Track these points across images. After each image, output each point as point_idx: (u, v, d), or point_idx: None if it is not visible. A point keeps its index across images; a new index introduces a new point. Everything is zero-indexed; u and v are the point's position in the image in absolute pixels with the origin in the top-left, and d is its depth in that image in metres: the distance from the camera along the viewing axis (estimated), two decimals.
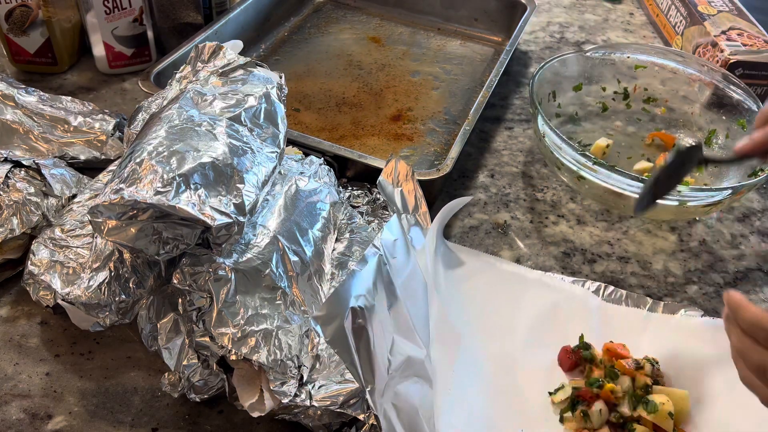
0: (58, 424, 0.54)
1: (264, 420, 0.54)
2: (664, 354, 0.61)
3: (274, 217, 0.59)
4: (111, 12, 0.86)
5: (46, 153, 0.71)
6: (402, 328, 0.53)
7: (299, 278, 0.57)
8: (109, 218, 0.50)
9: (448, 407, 0.54)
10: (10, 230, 0.60)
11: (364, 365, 0.47)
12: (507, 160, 0.85)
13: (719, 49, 0.93)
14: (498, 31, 1.09)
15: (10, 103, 0.73)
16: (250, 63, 0.66)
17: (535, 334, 0.63)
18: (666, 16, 1.10)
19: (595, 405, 0.55)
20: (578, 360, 0.60)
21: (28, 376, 0.57)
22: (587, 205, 0.79)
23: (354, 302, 0.48)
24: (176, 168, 0.52)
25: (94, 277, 0.55)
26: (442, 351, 0.57)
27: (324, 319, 0.45)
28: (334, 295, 0.47)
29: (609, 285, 0.68)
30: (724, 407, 0.57)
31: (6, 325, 0.60)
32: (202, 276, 0.52)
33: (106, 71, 0.92)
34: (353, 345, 0.46)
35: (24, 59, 0.89)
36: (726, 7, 1.02)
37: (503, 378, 0.59)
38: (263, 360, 0.50)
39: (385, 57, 1.02)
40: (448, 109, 0.92)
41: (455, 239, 0.73)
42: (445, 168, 0.71)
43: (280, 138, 0.62)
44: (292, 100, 0.90)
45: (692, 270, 0.72)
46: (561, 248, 0.73)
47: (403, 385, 0.50)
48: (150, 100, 0.68)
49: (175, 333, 0.54)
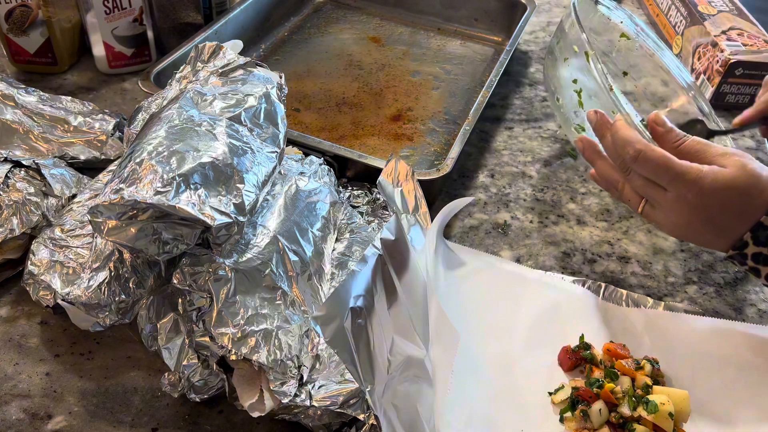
0: (58, 424, 0.54)
1: (264, 420, 0.54)
2: (664, 354, 0.61)
3: (274, 217, 0.59)
4: (111, 12, 0.86)
5: (46, 153, 0.71)
6: (402, 328, 0.53)
7: (299, 278, 0.57)
8: (109, 218, 0.50)
9: (448, 407, 0.54)
10: (10, 230, 0.60)
11: (364, 365, 0.47)
12: (507, 160, 0.85)
13: (719, 49, 0.93)
14: (498, 31, 1.09)
15: (10, 103, 0.73)
16: (250, 63, 0.66)
17: (535, 334, 0.63)
18: (666, 16, 1.10)
19: (595, 405, 0.55)
20: (578, 360, 0.60)
21: (28, 376, 0.57)
22: (587, 205, 0.79)
23: (354, 302, 0.48)
24: (176, 168, 0.52)
25: (94, 277, 0.55)
26: (441, 351, 0.57)
27: (323, 319, 0.45)
28: (334, 295, 0.46)
29: (609, 285, 0.68)
30: (723, 407, 0.58)
31: (6, 325, 0.60)
32: (202, 276, 0.52)
33: (106, 71, 0.92)
34: (353, 345, 0.46)
35: (24, 59, 0.89)
36: (726, 7, 1.02)
37: (503, 378, 0.59)
38: (263, 360, 0.50)
39: (385, 57, 1.02)
40: (448, 109, 0.92)
41: (455, 239, 0.73)
42: (445, 168, 0.71)
43: (280, 138, 0.62)
44: (292, 100, 0.90)
45: (692, 270, 0.72)
46: (561, 248, 0.73)
47: (403, 385, 0.50)
48: (150, 100, 0.68)
49: (175, 333, 0.54)
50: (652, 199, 0.59)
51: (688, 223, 0.58)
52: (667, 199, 0.57)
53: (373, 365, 0.47)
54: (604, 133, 0.61)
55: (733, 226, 0.57)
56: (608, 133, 0.60)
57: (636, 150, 0.57)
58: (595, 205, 0.79)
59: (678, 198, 0.56)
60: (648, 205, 0.60)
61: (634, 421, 0.55)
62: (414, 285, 0.58)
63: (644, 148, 0.57)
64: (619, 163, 0.60)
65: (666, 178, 0.56)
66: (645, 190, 0.59)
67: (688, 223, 0.58)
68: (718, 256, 0.74)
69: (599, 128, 0.62)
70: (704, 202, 0.56)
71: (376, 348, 0.48)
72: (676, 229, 0.59)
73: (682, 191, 0.56)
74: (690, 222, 0.57)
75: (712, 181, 0.55)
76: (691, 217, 0.57)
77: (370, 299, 0.50)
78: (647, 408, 0.54)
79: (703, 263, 0.73)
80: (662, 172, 0.56)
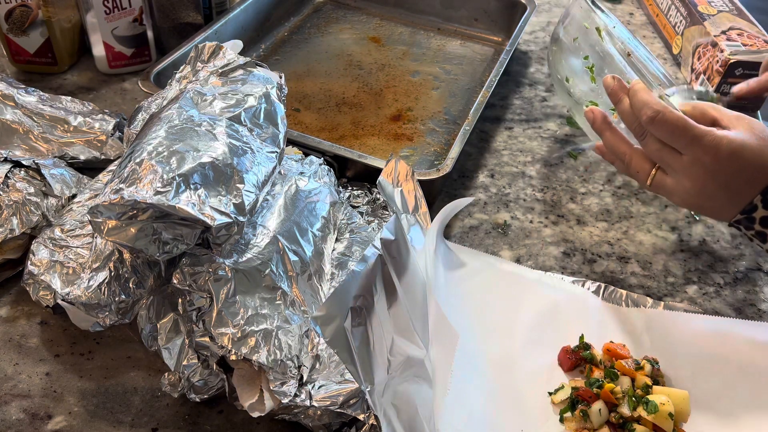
0: (58, 424, 0.54)
1: (264, 420, 0.54)
2: (664, 354, 0.61)
3: (274, 217, 0.59)
4: (111, 12, 0.86)
5: (46, 153, 0.71)
6: (402, 328, 0.53)
7: (299, 278, 0.57)
8: (109, 218, 0.50)
9: (448, 407, 0.54)
10: (10, 230, 0.60)
11: (364, 365, 0.47)
12: (507, 160, 0.85)
13: (719, 49, 0.93)
14: (498, 31, 1.09)
15: (10, 103, 0.73)
16: (250, 63, 0.66)
17: (535, 334, 0.63)
18: (666, 16, 1.10)
19: (594, 405, 0.55)
20: (578, 360, 0.60)
21: (28, 376, 0.57)
22: (587, 205, 0.79)
23: (353, 302, 0.48)
24: (176, 168, 0.52)
25: (94, 277, 0.55)
26: (441, 351, 0.57)
27: (323, 320, 0.45)
28: (334, 295, 0.46)
29: (609, 285, 0.68)
30: (723, 407, 0.58)
31: (6, 325, 0.60)
32: (202, 276, 0.52)
33: (106, 71, 0.92)
34: (353, 345, 0.46)
35: (24, 59, 0.89)
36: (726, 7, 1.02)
37: (503, 378, 0.59)
38: (263, 360, 0.50)
39: (385, 57, 1.02)
40: (448, 109, 0.92)
41: (455, 239, 0.73)
42: (445, 168, 0.71)
43: (280, 138, 0.62)
44: (292, 100, 0.90)
45: (692, 270, 0.72)
46: (561, 248, 0.73)
47: (403, 385, 0.50)
48: (150, 100, 0.68)
49: (175, 333, 0.54)
50: (665, 164, 0.59)
51: (701, 189, 0.57)
52: (683, 163, 0.57)
53: (373, 365, 0.47)
54: (621, 98, 0.61)
55: (745, 190, 0.57)
56: (625, 97, 0.60)
57: (654, 111, 0.57)
58: (595, 205, 0.79)
59: (694, 162, 0.56)
60: (660, 171, 0.60)
61: (634, 421, 0.55)
62: (414, 285, 0.58)
63: (662, 110, 0.56)
64: (635, 126, 0.59)
65: (683, 141, 0.56)
66: (660, 154, 0.58)
67: (702, 188, 0.57)
68: (718, 256, 0.74)
69: (616, 93, 0.62)
70: (721, 166, 0.56)
71: (376, 348, 0.48)
72: (687, 196, 0.59)
73: (698, 154, 0.56)
74: (704, 187, 0.57)
75: (728, 144, 0.55)
76: (706, 182, 0.57)
77: (370, 299, 0.50)
78: (647, 408, 0.54)
79: (703, 263, 0.73)
80: (680, 134, 0.56)
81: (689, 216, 0.79)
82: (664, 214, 0.79)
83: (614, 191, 0.82)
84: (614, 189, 0.82)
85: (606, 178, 0.83)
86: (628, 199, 0.80)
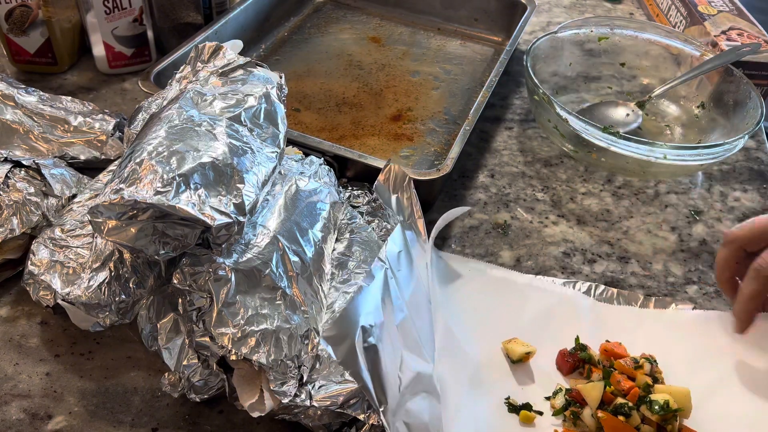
0: (58, 424, 0.54)
1: (264, 420, 0.54)
2: (659, 349, 0.61)
3: (274, 217, 0.59)
4: (111, 12, 0.86)
5: (46, 153, 0.71)
6: (409, 343, 0.53)
7: (299, 278, 0.57)
8: (109, 218, 0.50)
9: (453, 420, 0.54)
10: (10, 230, 0.60)
11: (377, 385, 0.46)
12: (507, 160, 0.85)
13: (719, 49, 0.93)
14: (498, 31, 1.09)
15: (10, 103, 0.73)
16: (250, 63, 0.66)
17: (531, 340, 0.62)
18: (666, 16, 1.10)
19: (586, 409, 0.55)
20: (576, 362, 0.60)
21: (28, 376, 0.57)
22: (587, 205, 0.79)
23: (364, 320, 0.47)
24: (176, 168, 0.52)
25: (94, 277, 0.55)
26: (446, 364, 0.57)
27: (335, 339, 0.44)
28: (344, 314, 0.46)
29: (600, 285, 0.68)
30: (721, 399, 0.58)
31: (6, 325, 0.60)
32: (202, 276, 0.52)
33: (106, 71, 0.92)
34: (365, 365, 0.45)
35: (24, 59, 0.89)
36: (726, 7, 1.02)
37: (503, 387, 0.59)
38: (263, 360, 0.50)
39: (385, 57, 1.02)
40: (448, 109, 0.92)
41: (455, 239, 0.73)
42: (445, 168, 0.71)
43: (280, 138, 0.62)
44: (292, 100, 0.90)
45: (692, 270, 0.72)
46: (561, 248, 0.73)
47: (413, 402, 0.50)
48: (150, 100, 0.68)
49: (175, 333, 0.54)
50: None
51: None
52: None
53: (385, 384, 0.47)
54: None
55: None
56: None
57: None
58: (595, 205, 0.79)
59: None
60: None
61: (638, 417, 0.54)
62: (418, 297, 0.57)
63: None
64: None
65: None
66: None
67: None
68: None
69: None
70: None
71: (387, 366, 0.48)
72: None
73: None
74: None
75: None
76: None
77: (380, 316, 0.49)
78: (650, 408, 0.54)
79: (703, 263, 0.73)
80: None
81: (689, 216, 0.79)
82: (664, 214, 0.79)
83: (614, 191, 0.82)
84: (614, 189, 0.82)
85: (606, 178, 0.83)
86: (628, 199, 0.81)
